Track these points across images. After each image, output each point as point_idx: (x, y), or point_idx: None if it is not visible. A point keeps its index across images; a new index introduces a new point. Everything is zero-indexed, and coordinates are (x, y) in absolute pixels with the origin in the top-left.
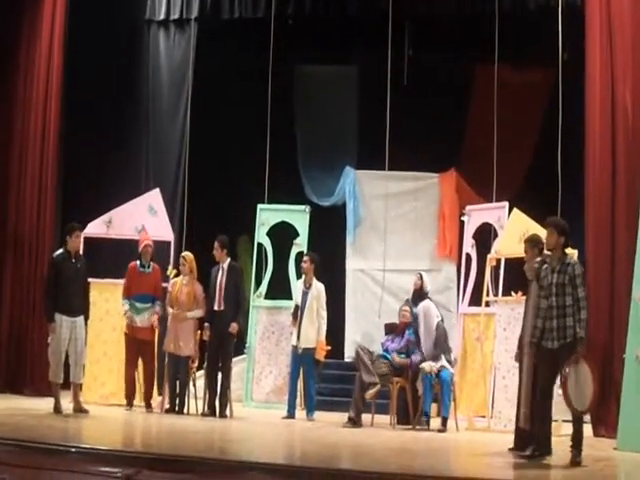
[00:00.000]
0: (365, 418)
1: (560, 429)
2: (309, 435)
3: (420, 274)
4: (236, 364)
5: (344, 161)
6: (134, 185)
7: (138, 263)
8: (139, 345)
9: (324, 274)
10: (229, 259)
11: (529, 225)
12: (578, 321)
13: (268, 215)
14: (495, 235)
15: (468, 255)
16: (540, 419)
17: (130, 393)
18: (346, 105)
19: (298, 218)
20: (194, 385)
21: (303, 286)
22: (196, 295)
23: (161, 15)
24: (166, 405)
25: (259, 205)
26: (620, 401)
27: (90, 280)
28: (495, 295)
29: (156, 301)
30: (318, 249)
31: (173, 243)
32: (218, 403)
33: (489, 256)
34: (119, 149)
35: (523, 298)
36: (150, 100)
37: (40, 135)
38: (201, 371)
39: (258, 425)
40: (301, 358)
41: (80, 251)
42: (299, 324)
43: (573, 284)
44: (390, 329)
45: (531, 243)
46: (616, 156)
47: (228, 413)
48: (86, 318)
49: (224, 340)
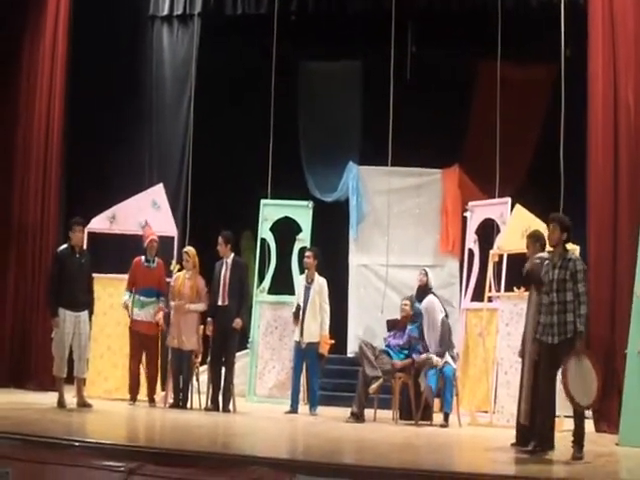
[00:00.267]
0: (368, 413)
1: (562, 425)
2: (312, 430)
3: (425, 270)
4: (239, 359)
5: (347, 157)
6: (137, 180)
7: (143, 258)
8: (142, 339)
9: (327, 269)
10: (233, 254)
11: (531, 221)
12: (578, 316)
13: (271, 210)
14: (497, 231)
15: (471, 251)
16: (543, 414)
17: (134, 388)
18: (349, 101)
19: (301, 213)
20: (197, 380)
21: (305, 281)
22: (199, 289)
23: (164, 11)
24: (170, 400)
25: (262, 200)
26: (622, 397)
27: (94, 275)
28: (497, 291)
29: (160, 296)
30: (321, 244)
31: (176, 238)
32: (221, 398)
33: (491, 252)
34: (122, 144)
35: (525, 294)
36: (153, 96)
37: (44, 130)
38: (204, 366)
39: (261, 420)
40: (304, 353)
41: (84, 246)
42: (302, 319)
43: (574, 279)
44: (392, 325)
45: (533, 239)
46: (618, 152)
47: (231, 408)
48: (90, 313)
49: (228, 335)
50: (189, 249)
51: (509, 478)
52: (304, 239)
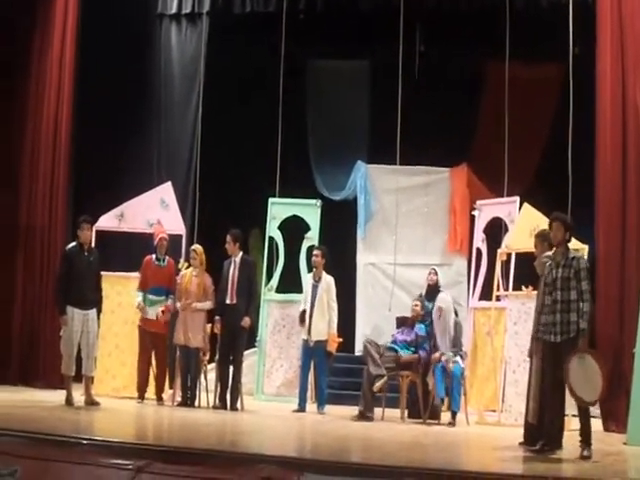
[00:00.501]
0: (376, 412)
1: (570, 424)
2: (320, 428)
3: (434, 269)
4: (247, 357)
5: (355, 155)
6: (146, 179)
7: (154, 257)
8: (152, 338)
9: (335, 268)
10: (241, 253)
11: (539, 220)
12: (581, 314)
13: (279, 209)
14: (506, 230)
15: (479, 249)
16: (551, 413)
17: (142, 386)
18: (357, 100)
19: (309, 212)
20: (205, 378)
21: (313, 279)
22: (206, 287)
23: (173, 9)
24: (177, 398)
25: (270, 199)
26: (630, 396)
27: (102, 273)
28: (505, 289)
29: (170, 295)
30: (329, 243)
31: (185, 236)
32: (229, 396)
33: (499, 251)
34: (131, 143)
35: (534, 293)
36: (162, 94)
37: (52, 129)
38: (212, 364)
39: (269, 418)
40: (312, 351)
41: (92, 244)
42: (310, 318)
43: (578, 277)
44: (401, 322)
45: (541, 238)
46: (627, 151)
47: (239, 406)
48: (99, 311)
49: (236, 334)
50: (196, 247)
51: (517, 477)
52: (312, 238)
